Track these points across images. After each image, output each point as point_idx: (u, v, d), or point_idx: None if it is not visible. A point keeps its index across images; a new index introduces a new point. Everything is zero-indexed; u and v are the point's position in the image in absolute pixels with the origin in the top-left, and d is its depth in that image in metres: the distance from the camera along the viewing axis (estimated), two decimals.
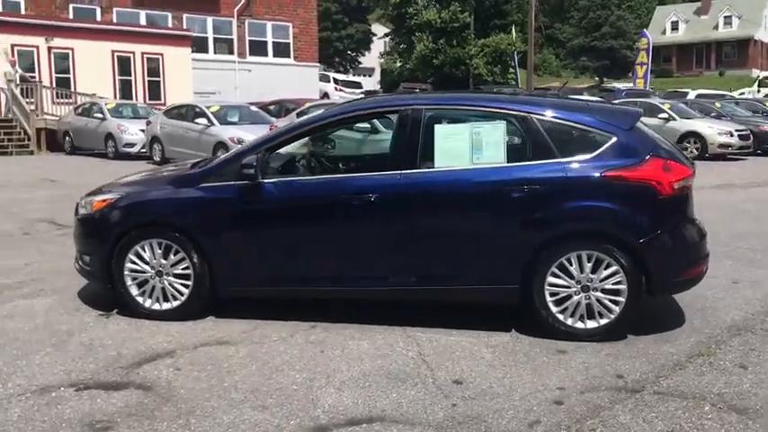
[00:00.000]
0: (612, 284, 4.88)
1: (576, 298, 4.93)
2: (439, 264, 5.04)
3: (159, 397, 4.07)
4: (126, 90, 26.40)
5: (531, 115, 5.02)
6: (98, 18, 28.44)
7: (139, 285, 5.36)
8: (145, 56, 26.80)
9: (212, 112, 17.59)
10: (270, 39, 34.62)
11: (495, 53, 50.77)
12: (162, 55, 27.14)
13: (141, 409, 3.92)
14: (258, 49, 34.20)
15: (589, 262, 4.88)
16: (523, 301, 5.02)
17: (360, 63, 68.20)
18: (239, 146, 7.05)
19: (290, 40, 35.26)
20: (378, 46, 68.92)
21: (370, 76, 75.05)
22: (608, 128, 4.99)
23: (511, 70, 46.21)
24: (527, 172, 4.91)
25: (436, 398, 4.07)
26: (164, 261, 5.29)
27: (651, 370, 4.46)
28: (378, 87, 60.86)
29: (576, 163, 4.90)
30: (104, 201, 5.47)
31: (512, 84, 42.35)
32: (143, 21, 29.49)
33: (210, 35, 32.78)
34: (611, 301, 4.90)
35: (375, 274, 5.12)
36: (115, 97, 25.23)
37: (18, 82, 23.14)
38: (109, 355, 4.70)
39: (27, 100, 22.79)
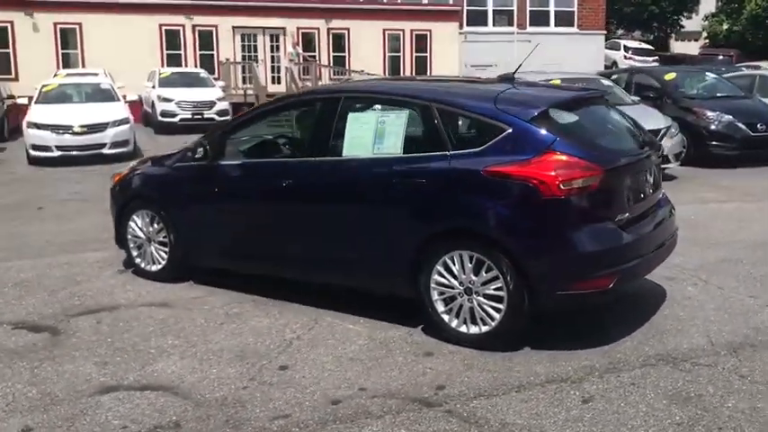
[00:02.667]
0: (494, 290, 4.47)
1: (459, 300, 4.61)
2: (334, 250, 5.10)
3: (51, 343, 4.90)
4: (394, 66, 28.12)
5: (432, 104, 4.75)
6: None
7: (138, 248, 6.26)
8: (414, 33, 28.22)
9: None
10: (552, 8, 33.80)
11: None
12: (430, 31, 28.29)
13: (27, 349, 4.78)
14: (539, 18, 33.62)
15: (470, 263, 4.52)
16: (416, 298, 4.83)
17: (683, 27, 62.46)
18: None
19: (575, 8, 34.05)
20: (706, 7, 62.42)
21: (695, 40, 68.34)
22: (504, 118, 4.51)
23: None
24: (412, 164, 4.70)
25: (239, 379, 4.26)
26: (150, 230, 6.12)
27: (482, 387, 4.07)
28: (696, 53, 55.29)
29: (462, 157, 4.55)
30: (119, 175, 6.48)
31: None
32: None
33: (490, 8, 33.10)
34: (492, 307, 4.50)
35: (283, 255, 5.37)
36: (384, 73, 27.08)
37: (299, 61, 26.18)
38: (73, 304, 5.67)
39: (306, 77, 25.68)
